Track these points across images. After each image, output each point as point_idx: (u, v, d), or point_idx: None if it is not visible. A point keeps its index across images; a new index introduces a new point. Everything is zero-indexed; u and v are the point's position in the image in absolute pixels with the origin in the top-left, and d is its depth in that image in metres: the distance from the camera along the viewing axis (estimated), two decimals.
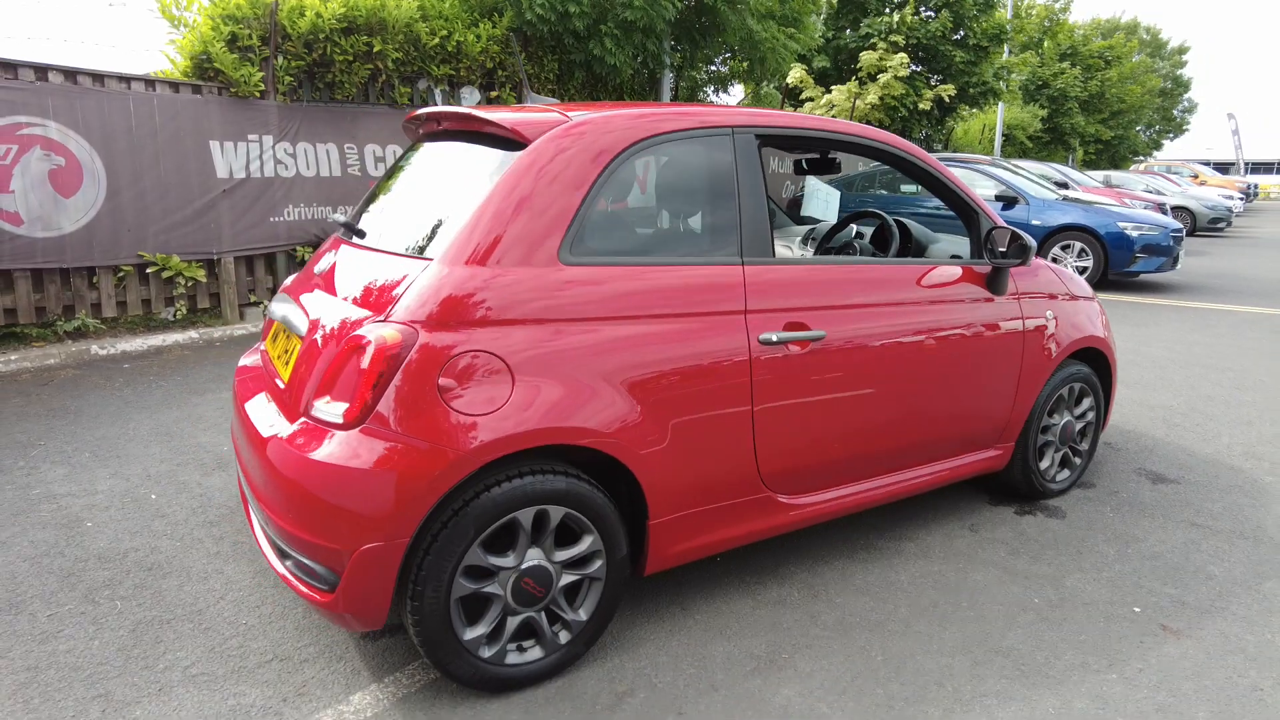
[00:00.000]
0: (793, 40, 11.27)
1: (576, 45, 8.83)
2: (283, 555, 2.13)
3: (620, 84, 10.09)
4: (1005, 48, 18.56)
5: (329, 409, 2.01)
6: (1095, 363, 3.55)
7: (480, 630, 2.09)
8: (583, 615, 2.24)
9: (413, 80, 7.98)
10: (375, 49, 7.13)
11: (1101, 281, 9.33)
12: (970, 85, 17.95)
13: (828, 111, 17.28)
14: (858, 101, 16.67)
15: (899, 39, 16.46)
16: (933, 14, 17.62)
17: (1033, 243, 2.93)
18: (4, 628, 2.44)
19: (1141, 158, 34.95)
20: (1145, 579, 2.84)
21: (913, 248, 3.47)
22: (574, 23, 8.30)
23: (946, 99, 17.30)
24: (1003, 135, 23.94)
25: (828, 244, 3.74)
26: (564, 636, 2.23)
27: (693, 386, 2.29)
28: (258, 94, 6.61)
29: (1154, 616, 2.61)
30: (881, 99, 16.54)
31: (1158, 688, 2.25)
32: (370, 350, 1.96)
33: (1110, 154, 29.72)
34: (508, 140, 2.27)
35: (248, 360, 2.85)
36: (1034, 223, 9.72)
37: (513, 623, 2.14)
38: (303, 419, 2.08)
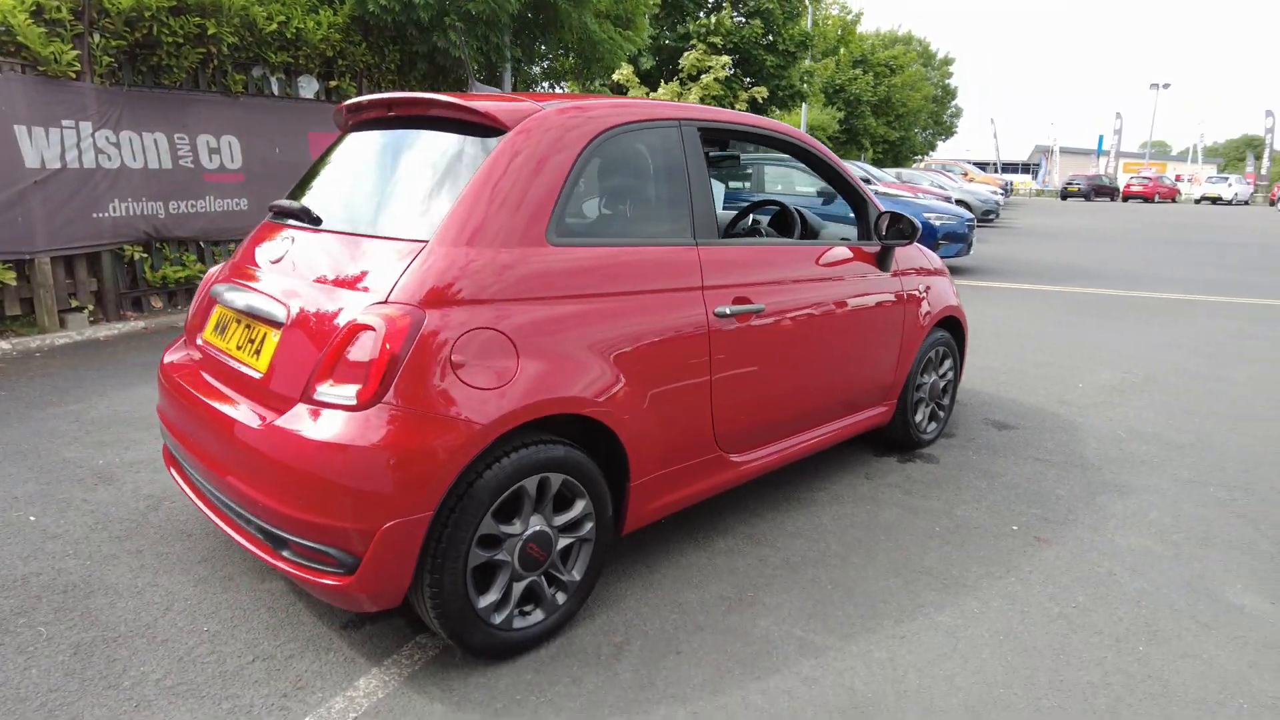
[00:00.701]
0: (627, 40, 11.65)
1: (420, 36, 8.64)
2: (280, 544, 2.08)
3: (463, 77, 9.96)
4: (810, 54, 20.14)
5: (336, 392, 1.99)
6: (952, 328, 4.13)
7: (491, 598, 2.17)
8: (576, 575, 2.37)
9: (247, 67, 7.47)
10: (210, 32, 6.61)
11: None
12: (780, 88, 19.32)
13: None
14: (681, 101, 17.46)
15: (718, 40, 17.41)
16: (743, 20, 18.79)
17: (918, 225, 3.39)
18: None
19: (920, 157, 39.13)
20: (1013, 504, 3.40)
21: (809, 232, 3.87)
22: (419, 14, 8.12)
23: (760, 100, 18.50)
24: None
25: (731, 231, 4.05)
26: (560, 597, 2.34)
27: (664, 356, 2.48)
28: (72, 75, 5.92)
29: (1028, 532, 3.15)
30: (702, 99, 17.44)
31: (1045, 584, 2.75)
32: (381, 331, 1.97)
33: (894, 153, 33.04)
34: (480, 126, 2.33)
35: (175, 356, 2.68)
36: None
37: (518, 588, 2.23)
38: (300, 405, 2.04)
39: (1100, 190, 42.34)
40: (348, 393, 1.98)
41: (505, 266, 2.16)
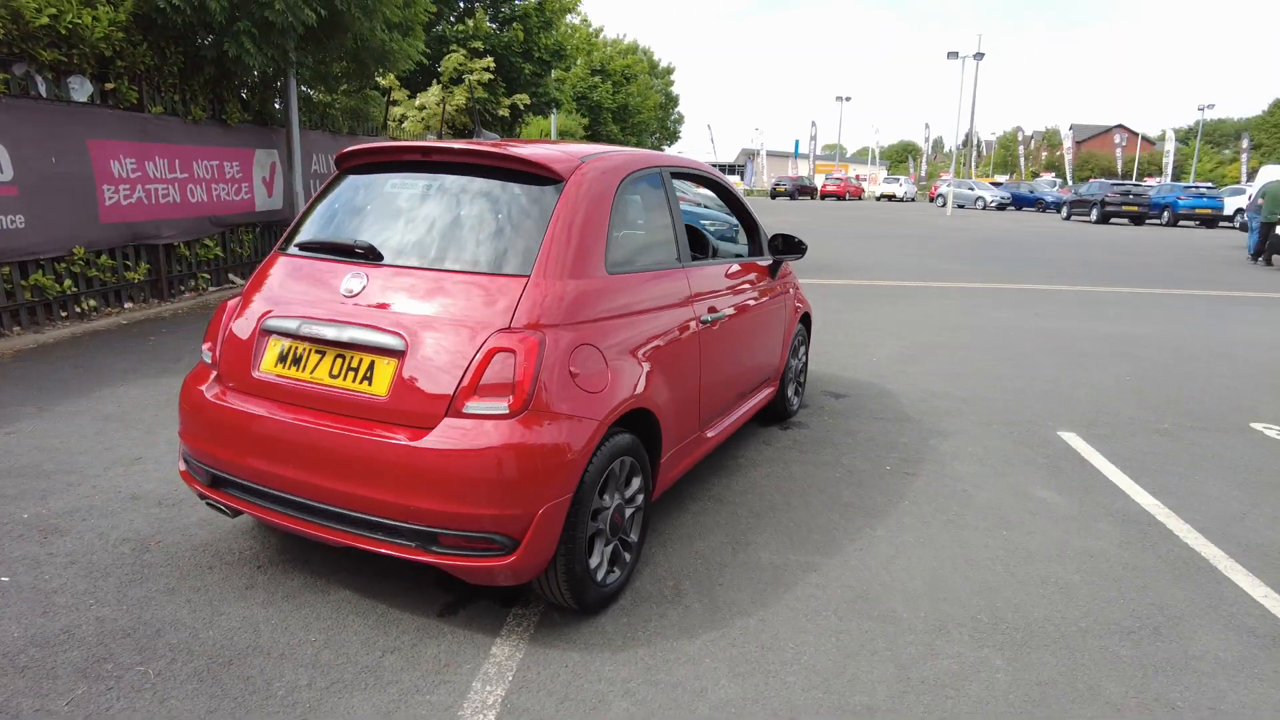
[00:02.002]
0: (411, 47, 11.63)
1: (209, 40, 8.09)
2: (430, 540, 2.39)
3: (250, 83, 9.41)
4: (565, 63, 21.08)
5: (487, 405, 2.37)
6: (805, 321, 5.17)
7: (595, 560, 2.67)
8: (634, 538, 2.93)
9: (7, 64, 6.57)
10: None
11: None
12: (536, 94, 20.04)
13: (419, 113, 17.81)
14: (446, 105, 17.51)
15: (479, 45, 17.66)
16: (495, 25, 19.18)
17: (805, 243, 4.33)
18: None
19: None
20: (877, 451, 4.49)
21: (711, 249, 4.66)
22: (214, 16, 7.64)
23: (521, 106, 19.09)
24: (557, 140, 27.02)
25: None
26: (627, 557, 2.89)
27: (677, 356, 3.11)
28: None
29: (899, 470, 4.22)
30: (466, 102, 17.64)
31: (928, 503, 3.81)
32: (520, 352, 2.39)
33: None
34: (536, 176, 2.77)
35: (214, 390, 2.76)
36: None
37: (608, 551, 2.75)
38: (450, 419, 2.38)
39: (803, 189, 48.62)
40: (499, 405, 2.37)
41: (585, 293, 2.66)
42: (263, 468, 2.60)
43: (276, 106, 10.07)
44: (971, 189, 41.72)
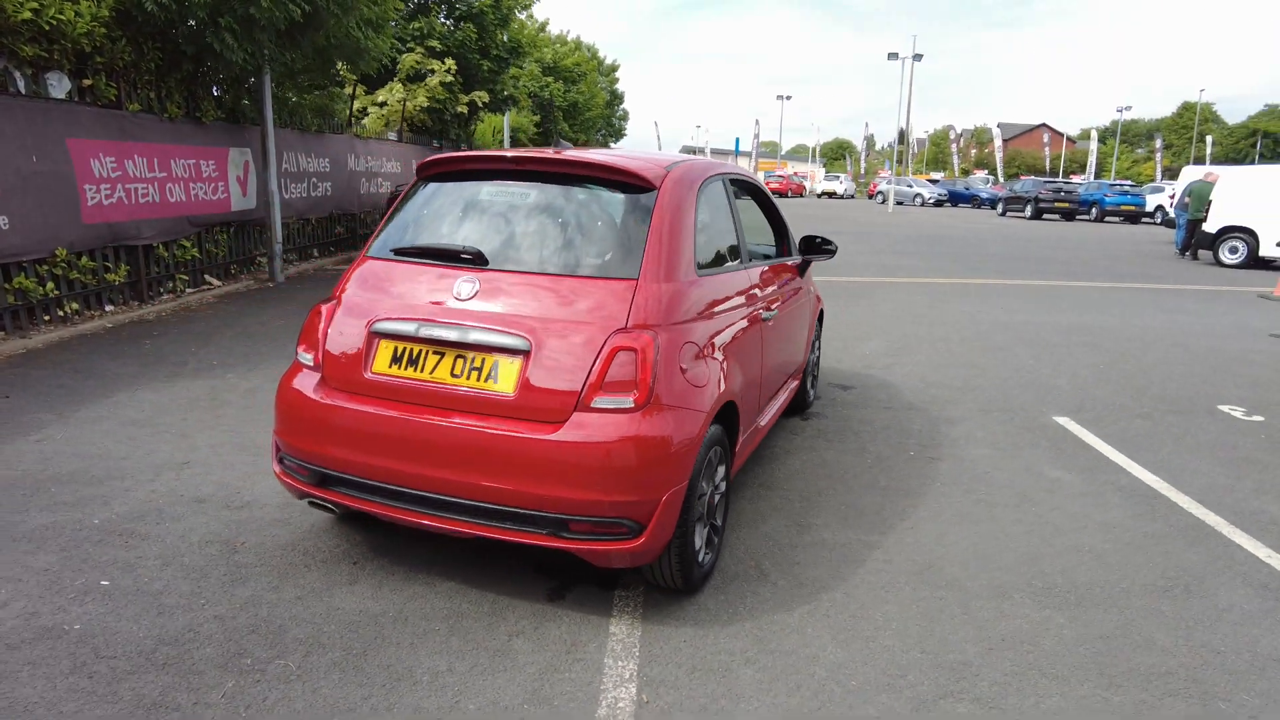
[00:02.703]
0: (382, 42, 11.53)
1: (189, 35, 7.92)
2: (561, 527, 2.55)
3: (229, 78, 9.22)
4: (521, 61, 21.03)
5: (614, 400, 2.54)
6: (819, 318, 5.46)
7: (698, 543, 2.87)
8: (720, 521, 3.14)
9: None
10: None
11: None
12: (494, 91, 19.97)
13: (380, 109, 17.57)
14: (407, 103, 17.32)
15: (435, 44, 17.52)
16: (449, 22, 19.03)
17: (835, 244, 4.59)
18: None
19: None
20: (897, 438, 4.79)
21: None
22: (196, 12, 7.51)
23: (480, 104, 19.00)
24: (510, 137, 26.94)
25: None
26: (715, 540, 3.09)
27: (747, 351, 3.33)
28: None
29: (920, 455, 4.54)
30: (429, 101, 17.49)
31: (957, 482, 4.12)
32: (640, 350, 2.57)
33: None
34: (630, 185, 2.94)
35: (321, 392, 2.85)
36: None
37: (704, 534, 2.95)
38: (579, 414, 2.54)
39: None
40: (625, 400, 2.55)
41: (683, 294, 2.85)
42: (385, 465, 2.71)
43: (245, 104, 9.88)
44: (910, 186, 43.11)
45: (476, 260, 2.86)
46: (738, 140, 72.42)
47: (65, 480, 3.83)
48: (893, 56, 35.27)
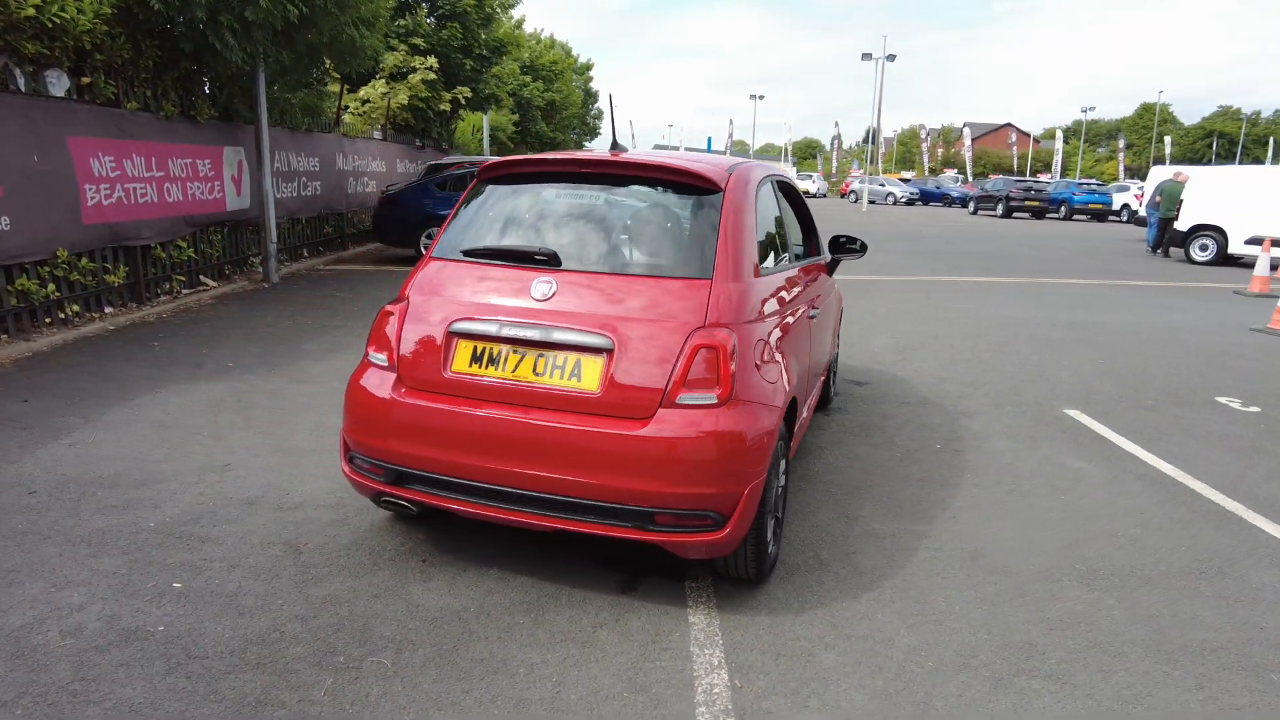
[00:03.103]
0: (375, 40, 11.46)
1: (190, 34, 7.82)
2: (647, 520, 2.63)
3: (228, 77, 9.10)
4: (506, 59, 20.96)
5: (699, 397, 2.62)
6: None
7: (769, 534, 2.96)
8: (781, 513, 3.23)
9: None
10: None
11: None
12: (477, 90, 19.89)
13: (361, 107, 17.41)
14: (390, 100, 17.19)
15: (420, 42, 17.41)
16: (434, 20, 18.93)
17: (866, 243, 4.70)
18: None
19: None
20: (920, 432, 4.93)
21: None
22: (196, 11, 7.42)
23: (463, 100, 18.92)
24: (489, 136, 26.82)
25: None
26: (778, 531, 3.19)
27: (799, 347, 3.43)
28: None
29: (947, 447, 4.68)
30: (410, 99, 17.38)
31: (986, 473, 4.26)
32: (721, 348, 2.65)
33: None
34: (696, 187, 3.02)
35: (397, 392, 2.88)
36: None
37: (771, 525, 3.04)
38: (664, 410, 2.62)
39: None
40: (709, 396, 2.63)
41: (751, 293, 2.94)
42: (467, 461, 2.76)
43: (238, 103, 9.76)
44: (883, 185, 43.70)
45: (550, 261, 2.92)
46: (709, 140, 72.85)
47: (109, 484, 3.81)
48: (866, 57, 35.76)
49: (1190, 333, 8.39)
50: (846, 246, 4.69)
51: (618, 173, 3.12)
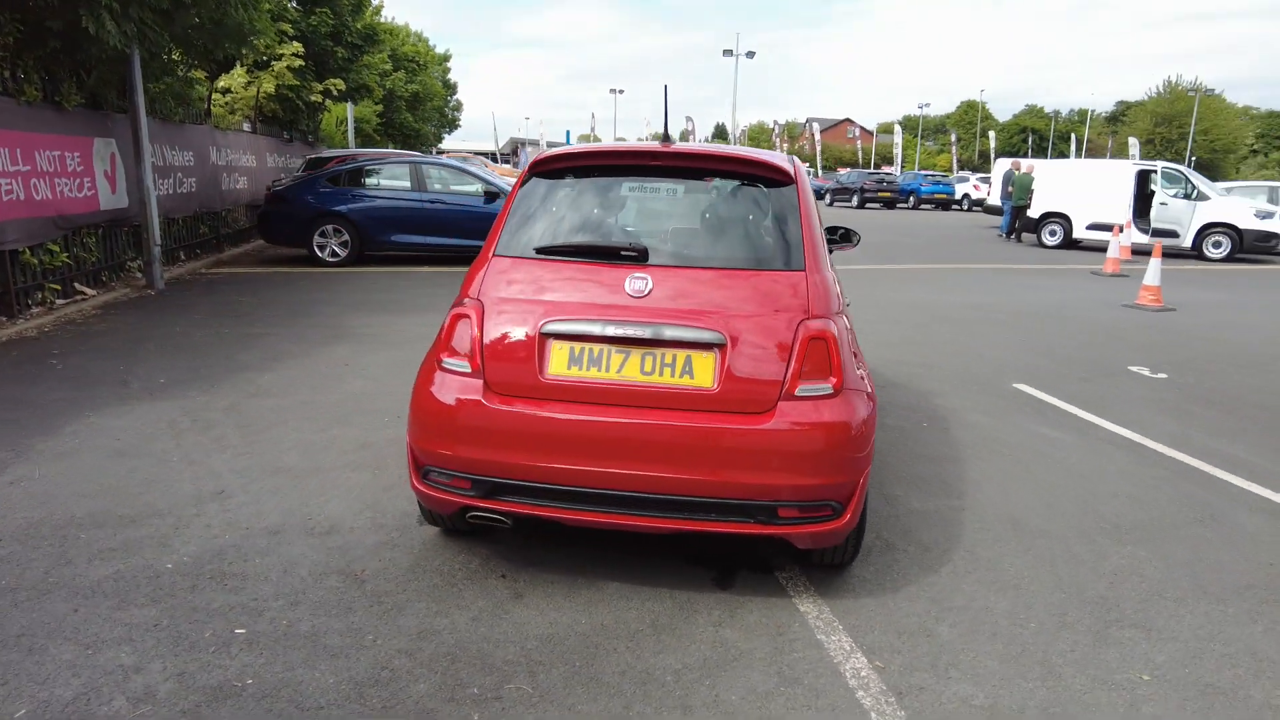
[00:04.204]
0: (259, 20, 10.55)
1: (58, 8, 6.88)
2: (770, 514, 2.62)
3: (99, 58, 8.07)
4: (379, 47, 19.90)
5: (815, 388, 2.64)
6: None
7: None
8: None
9: None
10: None
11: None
12: (349, 80, 18.82)
13: (222, 98, 16.01)
14: (258, 90, 15.93)
15: (287, 28, 16.21)
16: (299, 5, 17.72)
17: (859, 235, 4.85)
18: None
19: (431, 149, 40.76)
20: (897, 411, 5.19)
21: None
22: None
23: (336, 92, 17.84)
24: (354, 128, 25.44)
25: None
26: None
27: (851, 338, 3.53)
28: None
29: (934, 427, 4.95)
30: (278, 89, 16.19)
31: (984, 445, 4.56)
32: (830, 338, 2.69)
33: (408, 146, 34.00)
34: (769, 179, 3.03)
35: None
36: None
37: None
38: (785, 403, 2.61)
39: None
40: (824, 387, 2.66)
41: (834, 284, 2.99)
42: (575, 467, 2.64)
43: (107, 89, 8.72)
44: None
45: (639, 257, 2.84)
46: (568, 133, 72.61)
47: (92, 524, 3.34)
48: (728, 53, 36.89)
49: (1075, 309, 9.32)
50: (845, 238, 4.83)
51: (687, 165, 3.07)
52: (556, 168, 3.15)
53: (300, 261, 11.40)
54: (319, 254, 11.03)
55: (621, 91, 65.21)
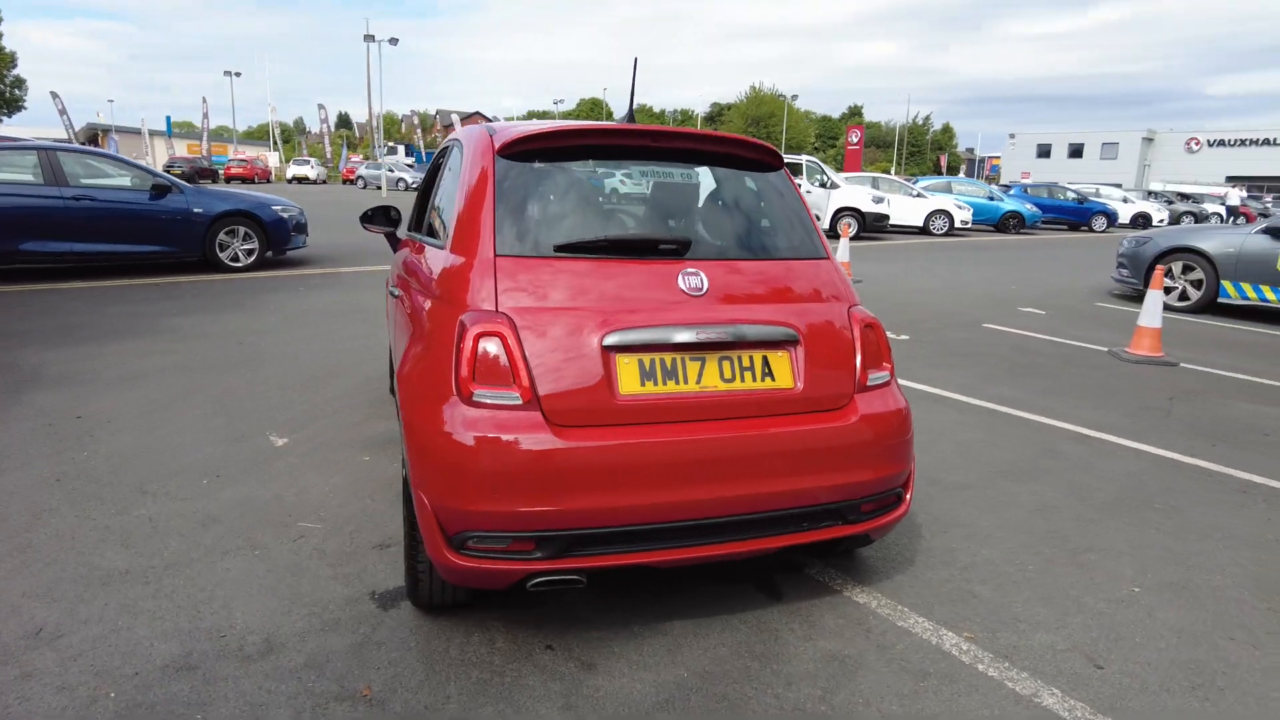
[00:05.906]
0: None
1: None
2: (852, 513, 2.51)
3: None
4: None
5: (878, 376, 2.61)
6: None
7: None
8: None
9: None
10: None
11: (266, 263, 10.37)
12: None
13: None
14: None
15: None
16: None
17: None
18: None
19: None
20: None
21: None
22: None
23: None
24: None
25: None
26: None
27: None
28: None
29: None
30: None
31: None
32: (878, 325, 2.67)
33: None
34: (761, 163, 2.88)
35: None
36: (196, 210, 9.72)
37: None
38: (860, 395, 2.53)
39: (203, 172, 42.64)
40: (884, 375, 2.64)
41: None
42: (668, 499, 2.27)
43: None
44: (392, 170, 42.87)
45: (679, 250, 2.52)
46: (168, 119, 62.54)
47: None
48: (369, 39, 34.59)
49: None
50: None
51: (680, 145, 2.78)
52: (533, 148, 2.62)
53: None
54: None
55: (239, 74, 57.63)
